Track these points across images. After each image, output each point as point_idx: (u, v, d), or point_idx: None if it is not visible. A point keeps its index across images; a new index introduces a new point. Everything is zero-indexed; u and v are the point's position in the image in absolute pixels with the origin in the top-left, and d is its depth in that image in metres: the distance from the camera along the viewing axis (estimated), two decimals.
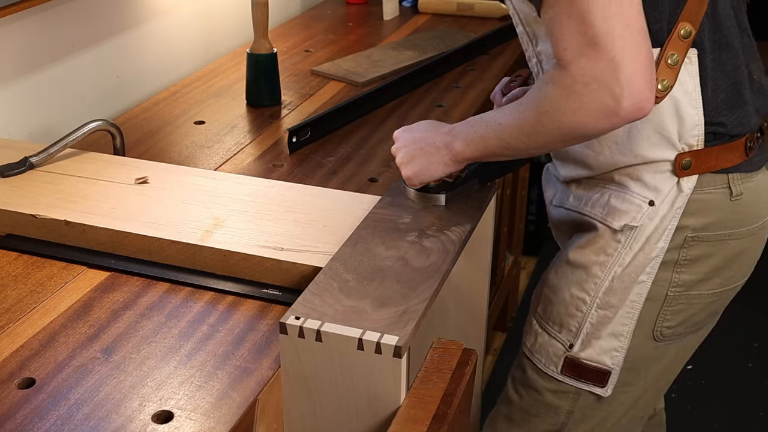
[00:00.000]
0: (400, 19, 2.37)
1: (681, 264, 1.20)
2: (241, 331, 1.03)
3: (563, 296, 1.25)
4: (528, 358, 1.30)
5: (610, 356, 1.24)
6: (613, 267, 1.20)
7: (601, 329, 1.22)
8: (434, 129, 1.21)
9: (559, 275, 1.26)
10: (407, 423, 0.91)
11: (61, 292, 1.09)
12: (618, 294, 1.21)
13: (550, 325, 1.27)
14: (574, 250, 1.23)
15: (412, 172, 1.19)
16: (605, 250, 1.20)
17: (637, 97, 0.98)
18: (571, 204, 1.26)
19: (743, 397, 2.33)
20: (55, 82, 1.61)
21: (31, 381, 0.93)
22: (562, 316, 1.25)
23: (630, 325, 1.22)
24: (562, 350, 1.25)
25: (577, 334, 1.23)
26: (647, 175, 1.17)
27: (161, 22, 1.88)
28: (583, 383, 1.26)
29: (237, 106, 1.72)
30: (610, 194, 1.20)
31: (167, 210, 1.21)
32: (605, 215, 1.20)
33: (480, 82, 1.87)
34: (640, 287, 1.20)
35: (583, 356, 1.24)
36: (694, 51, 1.12)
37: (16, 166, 1.31)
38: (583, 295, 1.22)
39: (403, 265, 1.07)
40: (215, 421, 0.88)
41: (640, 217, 1.17)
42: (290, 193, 1.27)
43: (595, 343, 1.23)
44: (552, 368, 1.27)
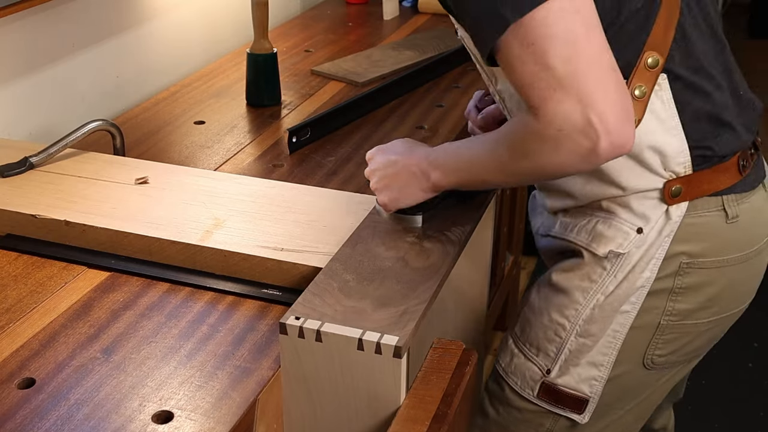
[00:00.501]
0: (400, 19, 2.37)
1: (676, 292, 1.16)
2: (241, 331, 1.03)
3: (542, 319, 1.20)
4: (503, 378, 1.26)
5: (588, 384, 1.19)
6: (595, 294, 1.16)
7: (580, 357, 1.18)
8: (410, 152, 1.17)
9: (540, 296, 1.22)
10: (407, 423, 0.91)
11: (61, 292, 1.09)
12: (599, 323, 1.16)
13: (527, 347, 1.22)
14: (558, 273, 1.19)
15: (389, 199, 1.16)
16: (590, 276, 1.16)
17: (614, 134, 0.93)
18: (556, 231, 1.22)
19: (743, 397, 2.33)
20: (55, 82, 1.61)
21: (31, 381, 0.93)
22: (540, 339, 1.20)
23: (611, 355, 1.18)
24: (539, 374, 1.21)
25: (555, 360, 1.19)
26: (635, 203, 1.13)
27: (161, 22, 1.88)
28: (559, 409, 1.21)
29: (237, 106, 1.72)
30: (597, 221, 1.16)
31: (167, 210, 1.21)
32: (590, 241, 1.16)
33: (480, 82, 1.86)
34: (623, 317, 1.16)
35: (561, 382, 1.20)
36: (664, 77, 1.08)
37: (16, 166, 1.31)
38: (563, 320, 1.18)
39: (403, 265, 1.07)
40: (215, 421, 0.88)
41: (626, 244, 1.13)
42: (290, 193, 1.27)
43: (573, 371, 1.19)
44: (528, 391, 1.22)
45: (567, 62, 0.92)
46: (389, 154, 1.18)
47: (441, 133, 1.60)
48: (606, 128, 0.93)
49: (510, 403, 1.26)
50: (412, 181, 1.15)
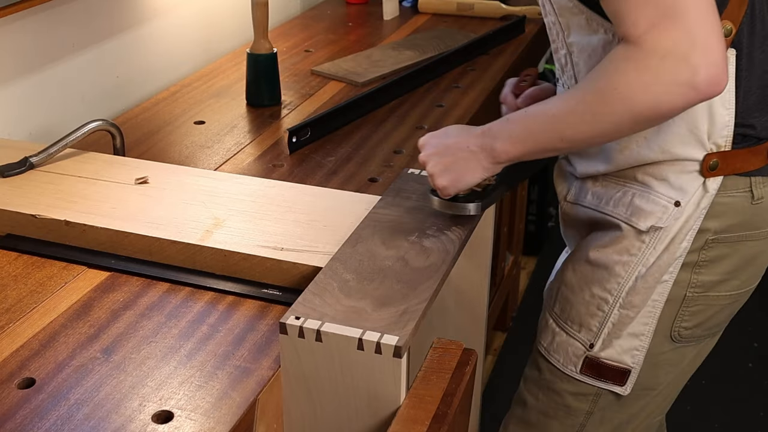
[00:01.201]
0: (400, 19, 2.37)
1: (700, 265, 1.19)
2: (241, 331, 1.03)
3: (583, 296, 1.22)
4: (545, 358, 1.28)
5: (630, 355, 1.22)
6: (636, 267, 1.18)
7: (622, 329, 1.21)
8: (465, 132, 1.15)
9: (578, 274, 1.24)
10: (407, 423, 0.91)
11: (61, 292, 1.09)
12: (641, 294, 1.19)
13: (568, 324, 1.24)
14: (595, 249, 1.21)
15: (448, 181, 1.13)
16: (629, 250, 1.18)
17: (714, 69, 0.94)
18: (589, 202, 1.23)
19: (743, 397, 2.33)
20: (55, 82, 1.61)
21: (31, 381, 0.93)
22: (582, 315, 1.23)
23: (651, 325, 1.20)
24: (582, 350, 1.23)
25: (597, 334, 1.21)
26: (673, 175, 1.15)
27: (161, 22, 1.88)
28: (602, 382, 1.24)
29: (237, 106, 1.72)
30: (633, 193, 1.17)
31: (167, 210, 1.21)
32: (630, 215, 1.17)
33: (480, 82, 1.87)
34: (662, 287, 1.18)
35: (604, 356, 1.22)
36: (733, 51, 1.10)
37: (16, 166, 1.31)
38: (605, 294, 1.20)
39: (403, 265, 1.07)
40: (215, 421, 0.88)
41: (666, 218, 1.15)
42: (290, 193, 1.27)
43: (615, 343, 1.21)
44: (571, 368, 1.25)
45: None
46: (443, 138, 1.16)
47: None
48: (708, 60, 0.94)
49: (551, 387, 1.28)
50: (471, 160, 1.13)
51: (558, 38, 1.20)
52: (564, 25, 1.17)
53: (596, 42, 1.12)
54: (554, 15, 1.18)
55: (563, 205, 1.31)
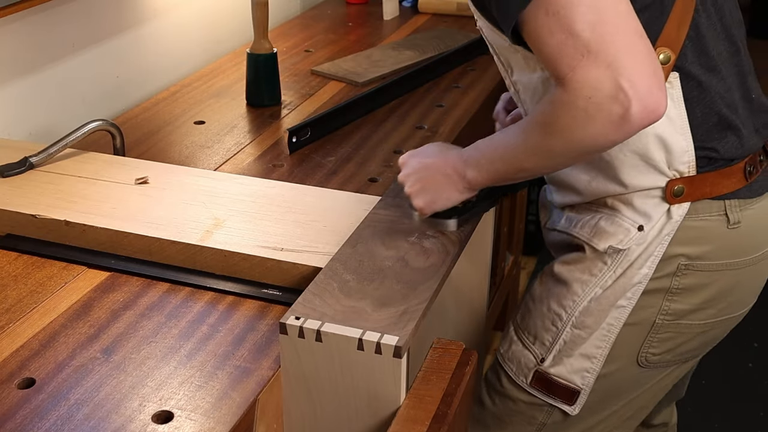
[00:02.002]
0: (400, 19, 2.37)
1: (673, 292, 1.17)
2: (241, 331, 1.03)
3: (541, 308, 1.22)
4: (500, 365, 1.28)
5: (580, 376, 1.21)
6: (594, 288, 1.17)
7: (574, 348, 1.19)
8: (443, 154, 1.16)
9: (542, 286, 1.24)
10: (407, 423, 0.91)
11: (61, 292, 1.09)
12: (594, 315, 1.17)
13: (525, 334, 1.24)
14: (560, 264, 1.21)
15: (424, 202, 1.15)
16: (590, 269, 1.17)
17: (646, 99, 0.93)
18: (562, 226, 1.23)
19: (743, 397, 2.33)
20: (55, 82, 1.61)
21: (31, 381, 0.93)
22: (537, 328, 1.22)
23: (604, 348, 1.19)
24: (533, 362, 1.22)
25: (549, 349, 1.21)
26: (638, 201, 1.14)
27: (161, 22, 1.88)
28: (551, 399, 1.23)
29: (237, 106, 1.72)
30: (600, 217, 1.17)
31: (167, 210, 1.21)
32: (591, 236, 1.17)
33: (480, 82, 1.87)
34: (618, 312, 1.17)
35: (553, 372, 1.21)
36: (676, 75, 1.08)
37: (16, 166, 1.31)
38: (560, 310, 1.19)
39: (403, 265, 1.07)
40: (215, 421, 0.88)
41: (627, 240, 1.14)
42: (290, 193, 1.27)
43: (566, 361, 1.20)
44: (522, 379, 1.24)
45: (593, 28, 0.92)
46: (422, 158, 1.18)
47: (441, 133, 1.60)
48: (637, 93, 0.92)
49: (506, 394, 1.28)
50: (447, 183, 1.14)
51: (505, 76, 1.21)
52: (506, 63, 1.17)
53: (536, 80, 1.12)
54: (495, 55, 1.19)
55: (543, 231, 1.31)
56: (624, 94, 0.92)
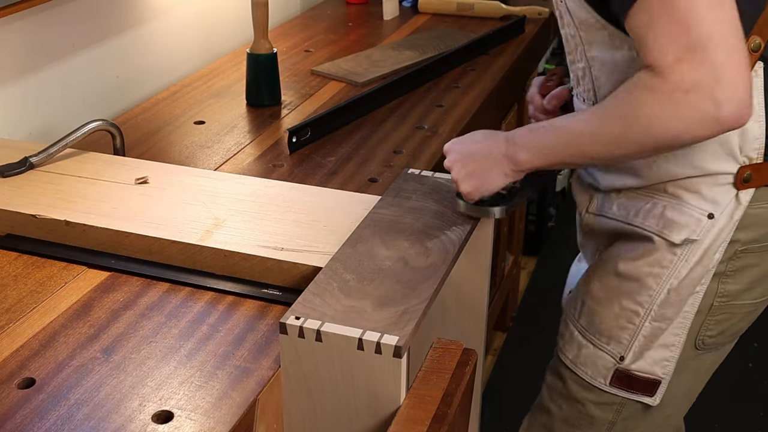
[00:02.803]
0: (400, 19, 2.37)
1: (727, 275, 1.18)
2: (241, 331, 1.02)
3: (612, 309, 1.21)
4: (570, 370, 1.27)
5: (661, 366, 1.21)
6: (668, 279, 1.17)
7: (654, 340, 1.20)
8: (489, 139, 1.16)
9: (605, 287, 1.22)
10: (407, 423, 0.91)
11: (61, 292, 1.09)
12: (674, 306, 1.18)
13: (596, 337, 1.23)
14: (624, 262, 1.20)
15: (473, 187, 1.15)
16: (660, 262, 1.17)
17: (739, 104, 0.94)
18: (615, 213, 1.22)
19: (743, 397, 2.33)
20: (55, 82, 1.61)
21: (31, 381, 0.93)
22: (611, 328, 1.21)
23: (681, 335, 1.19)
24: (612, 362, 1.22)
25: (628, 347, 1.20)
26: (705, 188, 1.14)
27: (161, 22, 1.88)
28: (632, 394, 1.23)
29: (237, 106, 1.72)
30: (664, 205, 1.16)
31: (167, 210, 1.21)
32: (662, 228, 1.16)
33: (480, 82, 1.87)
34: (694, 298, 1.18)
35: (635, 368, 1.21)
36: (761, 64, 1.09)
37: (16, 166, 1.31)
38: (636, 307, 1.19)
39: (403, 265, 1.07)
40: (215, 421, 0.88)
41: (699, 230, 1.14)
42: (290, 193, 1.27)
43: (647, 354, 1.20)
44: (600, 380, 1.24)
45: (708, 25, 0.93)
46: (467, 144, 1.17)
47: (441, 133, 1.60)
48: (733, 96, 0.93)
49: (574, 396, 1.27)
50: (494, 166, 1.14)
51: (576, 51, 1.19)
52: (585, 39, 1.16)
53: (619, 58, 1.11)
54: (574, 28, 1.17)
55: (585, 216, 1.29)
56: (722, 96, 0.93)
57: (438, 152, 1.52)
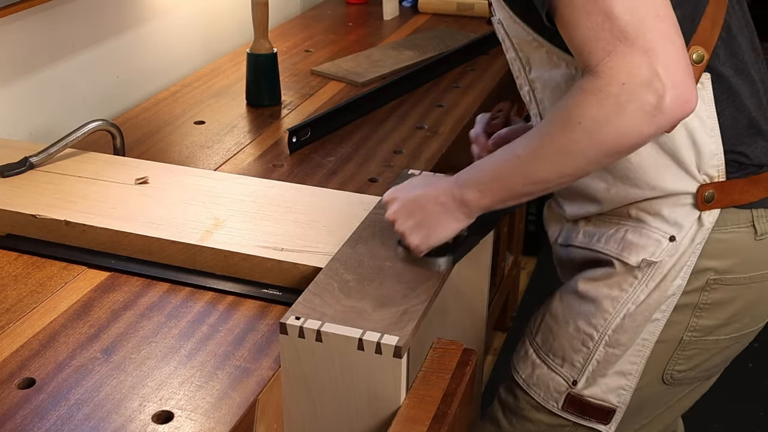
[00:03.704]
0: (400, 19, 2.37)
1: (701, 308, 1.13)
2: (241, 331, 1.02)
3: (567, 329, 1.17)
4: (523, 390, 1.22)
5: (616, 394, 1.17)
6: (626, 304, 1.12)
7: (608, 367, 1.15)
8: (432, 183, 1.09)
9: (564, 305, 1.18)
10: (407, 423, 0.91)
11: (61, 292, 1.09)
12: (629, 332, 1.13)
13: (551, 357, 1.19)
14: (585, 282, 1.15)
15: (420, 239, 1.06)
16: (620, 285, 1.12)
17: (680, 88, 0.89)
18: (580, 241, 1.17)
19: (743, 397, 2.33)
20: (55, 82, 1.61)
21: (31, 381, 0.93)
22: (565, 350, 1.17)
23: (639, 364, 1.15)
24: (564, 386, 1.18)
25: (581, 371, 1.16)
26: (666, 209, 1.09)
27: (161, 22, 1.88)
28: (585, 420, 1.18)
29: (237, 106, 1.72)
30: (626, 229, 1.12)
31: (167, 210, 1.21)
32: (621, 250, 1.11)
33: (480, 82, 1.87)
34: (653, 326, 1.13)
35: (587, 393, 1.17)
36: (707, 75, 1.05)
37: (16, 166, 1.31)
38: (591, 330, 1.15)
39: (403, 265, 1.07)
40: (215, 421, 0.88)
41: (659, 252, 1.09)
42: (290, 193, 1.27)
43: (600, 381, 1.16)
44: (552, 403, 1.19)
45: (633, 12, 0.89)
46: (409, 192, 1.10)
47: (441, 133, 1.60)
48: (672, 81, 0.89)
49: (525, 415, 1.23)
50: (443, 213, 1.06)
51: (520, 74, 1.15)
52: (524, 60, 1.12)
53: (559, 77, 1.07)
54: (513, 51, 1.13)
55: (554, 247, 1.26)
56: (659, 82, 0.89)
57: (437, 152, 1.52)
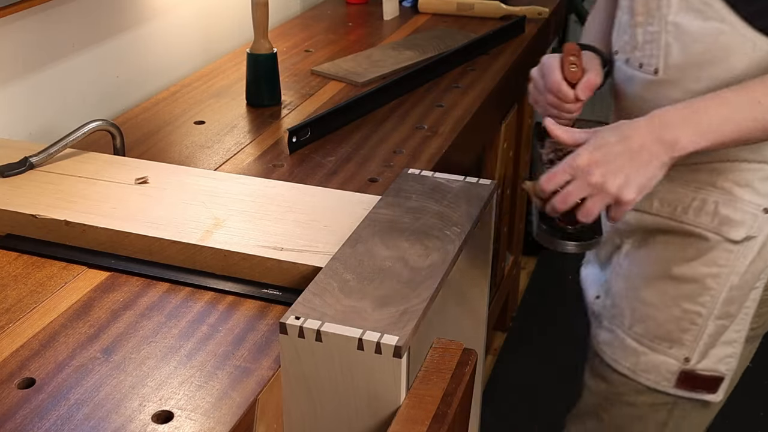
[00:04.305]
0: (400, 19, 2.37)
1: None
2: (241, 331, 1.03)
3: (671, 313, 1.19)
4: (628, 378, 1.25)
5: (724, 363, 1.20)
6: (729, 277, 1.14)
7: (717, 338, 1.18)
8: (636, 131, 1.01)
9: (659, 292, 1.20)
10: (407, 423, 0.91)
11: (61, 292, 1.09)
12: (736, 303, 1.16)
13: (656, 342, 1.21)
14: (678, 265, 1.17)
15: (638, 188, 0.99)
16: (716, 261, 1.13)
17: None
18: (656, 209, 1.17)
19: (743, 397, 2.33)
20: (55, 82, 1.61)
21: (31, 381, 0.93)
22: (671, 332, 1.20)
23: (743, 331, 1.19)
24: (676, 365, 1.21)
25: (693, 348, 1.19)
26: (757, 182, 1.10)
27: (161, 22, 1.88)
28: (695, 393, 1.22)
29: (237, 106, 1.72)
30: (716, 202, 1.12)
31: (167, 210, 1.21)
32: (718, 225, 1.12)
33: (480, 82, 1.87)
34: (755, 293, 1.17)
35: (700, 367, 1.20)
36: None
37: (16, 166, 1.31)
38: (698, 308, 1.17)
39: (403, 265, 1.07)
40: (215, 421, 0.88)
41: (756, 226, 1.12)
42: (290, 193, 1.27)
43: (711, 353, 1.19)
44: (664, 383, 1.22)
45: None
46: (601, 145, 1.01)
47: (441, 133, 1.60)
48: None
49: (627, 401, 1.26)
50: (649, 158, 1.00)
51: (653, 13, 1.09)
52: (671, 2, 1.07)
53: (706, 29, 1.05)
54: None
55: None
56: None
57: (437, 152, 1.52)
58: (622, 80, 1.21)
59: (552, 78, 1.21)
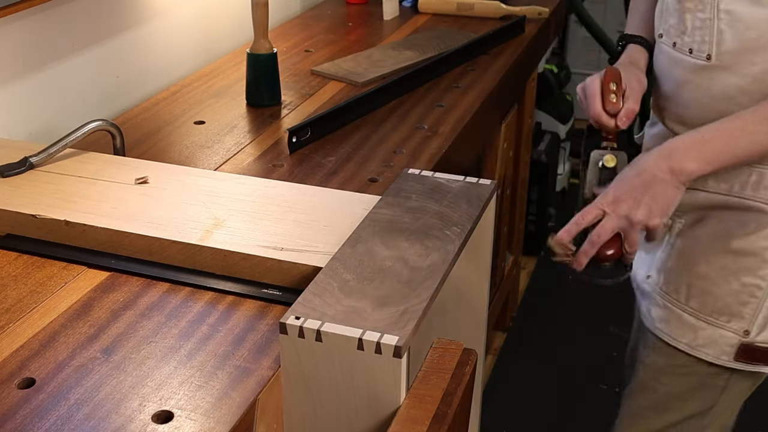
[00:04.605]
0: (400, 19, 2.37)
1: None
2: (241, 331, 1.03)
3: (730, 287, 1.21)
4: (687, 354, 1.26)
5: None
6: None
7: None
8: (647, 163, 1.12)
9: (717, 266, 1.22)
10: (407, 423, 0.91)
11: (61, 292, 1.09)
12: None
13: (714, 317, 1.23)
14: (738, 239, 1.20)
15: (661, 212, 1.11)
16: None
17: None
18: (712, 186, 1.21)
19: None
20: (55, 82, 1.61)
21: (31, 381, 0.93)
22: (730, 305, 1.22)
23: None
24: (736, 339, 1.23)
25: (752, 320, 1.21)
26: None
27: (161, 22, 1.89)
28: (754, 365, 1.24)
29: (237, 106, 1.72)
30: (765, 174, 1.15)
31: (167, 210, 1.21)
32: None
33: (480, 82, 1.87)
34: None
35: (760, 339, 1.22)
36: None
37: (16, 166, 1.31)
38: (758, 281, 1.20)
39: (403, 265, 1.07)
40: (215, 421, 0.88)
41: None
42: (290, 193, 1.27)
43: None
44: (724, 357, 1.24)
45: None
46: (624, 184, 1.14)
47: (441, 133, 1.60)
48: None
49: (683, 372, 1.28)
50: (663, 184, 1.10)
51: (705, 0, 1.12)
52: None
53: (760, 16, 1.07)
54: None
55: None
56: None
57: (437, 152, 1.52)
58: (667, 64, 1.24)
59: (593, 108, 1.29)
